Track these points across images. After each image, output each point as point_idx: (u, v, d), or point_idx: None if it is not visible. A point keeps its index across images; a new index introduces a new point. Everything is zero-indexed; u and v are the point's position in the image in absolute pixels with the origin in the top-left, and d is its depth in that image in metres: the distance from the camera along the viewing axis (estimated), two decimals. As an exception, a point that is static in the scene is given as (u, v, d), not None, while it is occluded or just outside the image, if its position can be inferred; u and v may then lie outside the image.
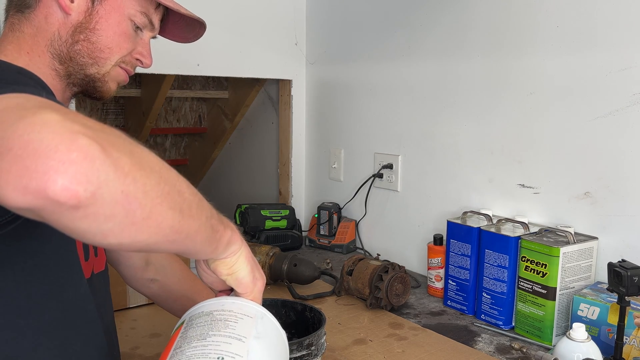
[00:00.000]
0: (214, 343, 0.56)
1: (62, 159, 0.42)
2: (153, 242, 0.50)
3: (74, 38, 0.79)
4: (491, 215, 1.38)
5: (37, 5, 0.79)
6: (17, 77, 0.59)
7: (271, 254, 1.53)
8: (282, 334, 0.67)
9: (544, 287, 1.18)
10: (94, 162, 0.43)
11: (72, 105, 1.51)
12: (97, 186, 0.43)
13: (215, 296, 0.70)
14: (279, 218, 1.90)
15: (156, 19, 0.87)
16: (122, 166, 0.45)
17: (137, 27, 0.85)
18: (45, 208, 0.43)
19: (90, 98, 0.87)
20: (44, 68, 0.79)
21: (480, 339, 1.22)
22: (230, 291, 0.70)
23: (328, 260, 1.70)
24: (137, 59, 0.87)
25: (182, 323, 0.63)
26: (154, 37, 0.90)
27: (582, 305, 1.12)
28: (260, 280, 0.68)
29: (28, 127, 0.43)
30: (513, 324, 1.27)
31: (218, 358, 0.54)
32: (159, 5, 0.87)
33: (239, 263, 0.64)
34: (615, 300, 1.01)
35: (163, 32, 0.93)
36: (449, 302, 1.41)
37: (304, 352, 0.88)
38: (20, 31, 0.79)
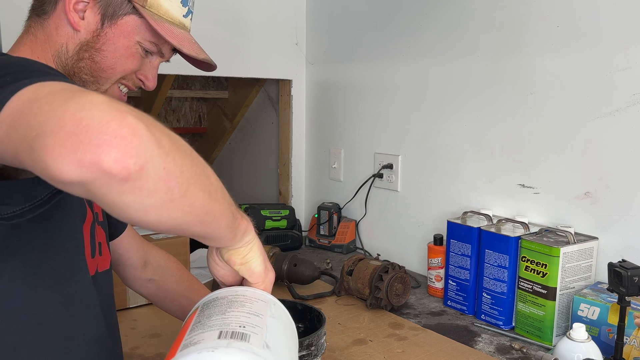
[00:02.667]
0: (234, 316, 0.58)
1: (115, 134, 0.44)
2: (186, 222, 0.52)
3: (79, 55, 0.80)
4: (491, 215, 1.38)
5: (51, 13, 0.80)
6: (51, 71, 0.61)
7: (271, 254, 1.53)
8: (293, 323, 0.69)
9: (544, 287, 1.18)
10: (142, 139, 0.46)
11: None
12: (145, 160, 0.46)
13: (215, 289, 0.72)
14: (279, 218, 1.90)
15: (167, 49, 0.87)
16: (164, 145, 0.48)
17: (147, 51, 0.85)
18: (96, 180, 0.45)
19: None
20: None
21: (480, 339, 1.22)
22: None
23: (328, 260, 1.70)
24: (140, 79, 0.88)
25: (196, 309, 0.64)
26: (166, 61, 0.90)
27: (582, 305, 1.12)
28: (271, 272, 0.70)
29: (79, 106, 0.45)
30: (513, 324, 1.27)
31: (240, 326, 0.55)
32: None
33: (252, 253, 0.67)
34: (616, 301, 1.01)
35: (182, 52, 0.92)
36: (449, 302, 1.41)
37: (304, 352, 0.88)
38: (34, 35, 0.81)
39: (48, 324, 0.70)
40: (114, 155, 0.44)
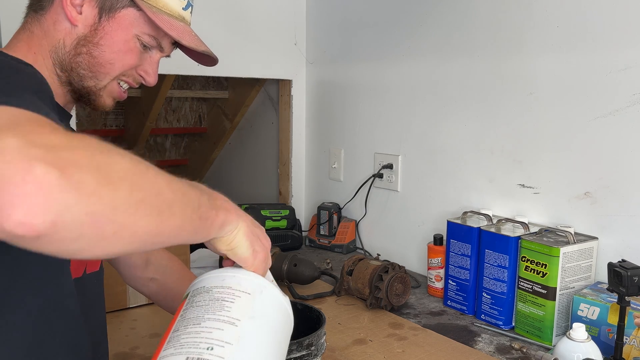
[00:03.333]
0: (207, 329, 0.58)
1: (17, 192, 0.41)
2: (131, 249, 0.50)
3: (77, 50, 0.80)
4: (491, 215, 1.38)
5: (49, 8, 0.80)
6: (14, 92, 0.57)
7: (271, 254, 1.52)
8: (284, 304, 0.68)
9: (544, 287, 1.18)
10: (51, 192, 0.42)
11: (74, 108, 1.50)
12: (57, 214, 0.42)
13: (221, 264, 0.72)
14: (279, 218, 1.90)
15: (166, 43, 0.86)
16: (85, 187, 0.44)
17: (145, 46, 0.84)
18: (8, 239, 0.43)
19: (85, 106, 0.87)
20: (47, 71, 0.80)
21: (480, 339, 1.22)
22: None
23: (328, 260, 1.69)
24: (141, 75, 0.87)
25: (187, 297, 0.65)
26: (167, 57, 0.89)
27: (582, 305, 1.12)
28: (262, 253, 0.69)
29: None
30: (513, 324, 1.27)
31: (208, 348, 0.56)
32: None
33: (237, 240, 0.65)
34: (615, 300, 1.01)
35: (182, 47, 0.90)
36: (449, 302, 1.41)
37: (304, 352, 0.88)
38: (31, 31, 0.80)
39: (18, 327, 0.68)
40: (16, 217, 0.41)
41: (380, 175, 1.79)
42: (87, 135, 0.49)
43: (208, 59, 0.93)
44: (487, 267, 1.30)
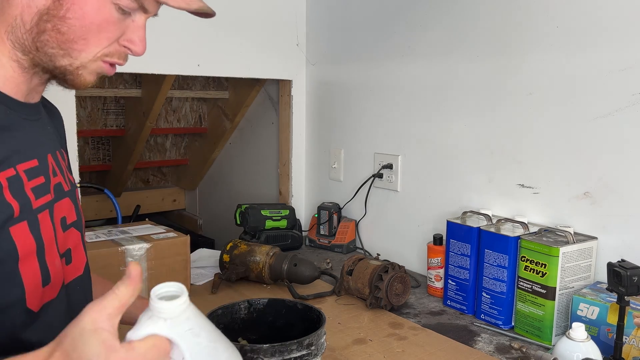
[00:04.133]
0: None
1: None
2: None
3: (40, 27, 0.66)
4: (491, 215, 1.38)
5: None
6: None
7: (271, 254, 1.53)
8: None
9: (543, 286, 1.18)
10: None
11: (71, 104, 1.50)
12: None
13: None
14: (279, 218, 1.90)
15: (150, 1, 0.70)
16: None
17: (125, 11, 0.69)
18: None
19: (63, 87, 0.75)
20: (3, 59, 0.68)
21: (480, 338, 1.23)
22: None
23: (328, 260, 1.70)
24: (126, 47, 0.72)
25: None
26: (154, 15, 0.74)
27: (582, 305, 1.12)
28: None
29: None
30: (513, 323, 1.27)
31: None
32: None
33: None
34: (615, 300, 1.01)
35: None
36: (448, 302, 1.41)
37: (304, 352, 0.88)
38: None
39: None
40: None
41: (380, 175, 1.79)
42: None
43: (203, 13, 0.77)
44: (486, 267, 1.30)
